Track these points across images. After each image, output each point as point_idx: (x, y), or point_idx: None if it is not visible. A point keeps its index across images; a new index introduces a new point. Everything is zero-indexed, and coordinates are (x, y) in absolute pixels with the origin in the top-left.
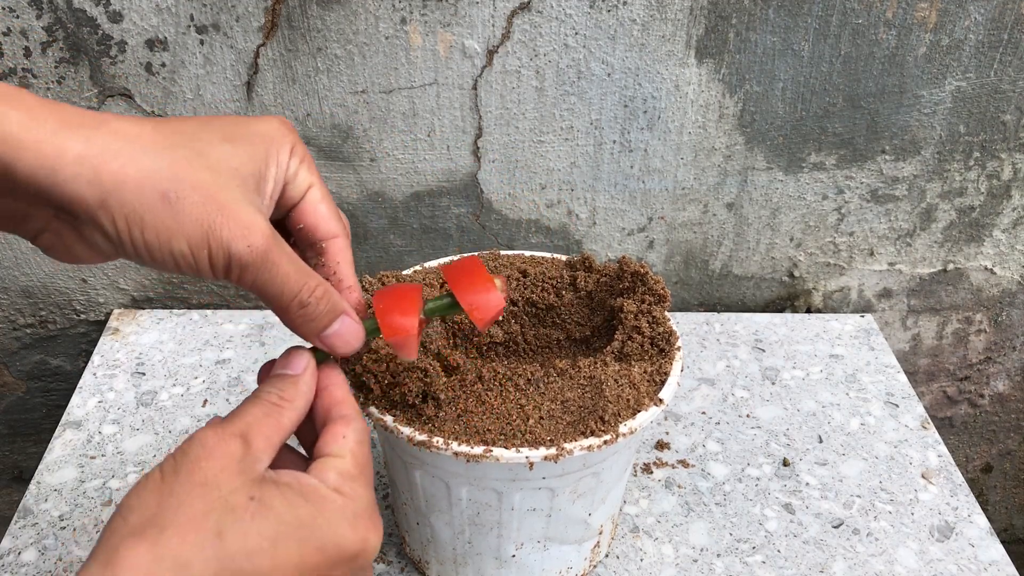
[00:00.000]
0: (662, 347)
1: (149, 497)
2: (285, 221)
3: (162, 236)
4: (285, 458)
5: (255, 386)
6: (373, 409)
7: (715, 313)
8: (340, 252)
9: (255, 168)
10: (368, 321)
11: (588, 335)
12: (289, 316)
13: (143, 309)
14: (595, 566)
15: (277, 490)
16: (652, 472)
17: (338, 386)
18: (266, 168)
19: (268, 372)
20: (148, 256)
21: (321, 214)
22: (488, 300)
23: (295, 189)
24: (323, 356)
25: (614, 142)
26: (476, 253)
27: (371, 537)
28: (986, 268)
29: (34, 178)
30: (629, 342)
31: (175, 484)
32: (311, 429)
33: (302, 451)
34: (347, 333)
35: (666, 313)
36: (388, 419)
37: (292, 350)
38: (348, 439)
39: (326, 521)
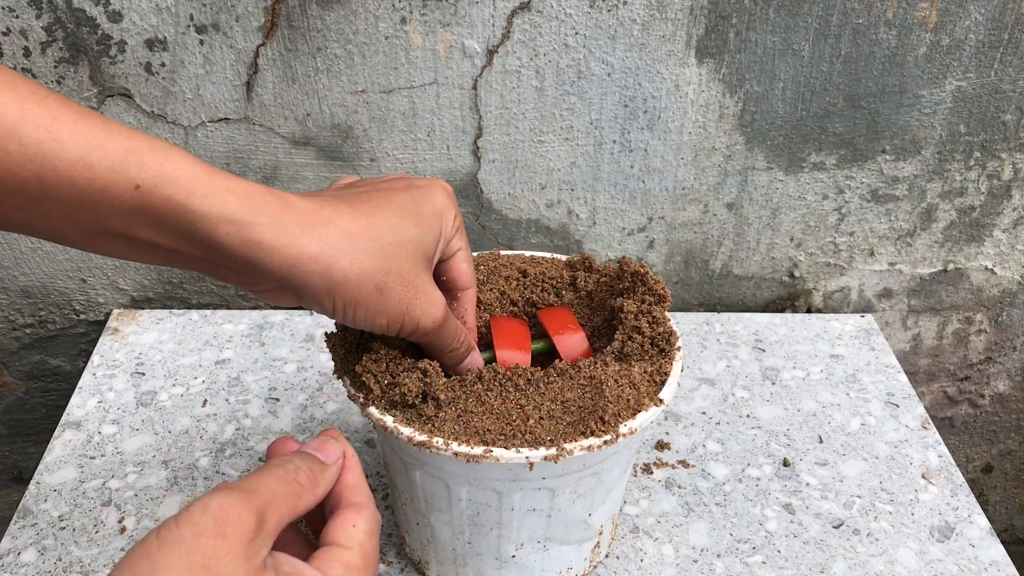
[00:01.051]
0: (662, 347)
1: (140, 569)
2: (435, 270)
3: (371, 315)
4: (289, 539)
5: (255, 386)
6: (373, 409)
7: (715, 313)
8: (469, 302)
9: (432, 243)
10: (487, 353)
11: (588, 335)
12: (441, 357)
13: (143, 309)
14: (595, 566)
15: None
16: (652, 472)
17: (351, 469)
18: (438, 242)
19: (282, 446)
20: (350, 322)
21: (463, 272)
22: (574, 342)
23: (449, 249)
24: None
25: (614, 142)
26: (475, 253)
27: None
28: (986, 268)
29: (279, 272)
30: (629, 342)
31: (172, 559)
32: (319, 511)
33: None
34: (474, 363)
35: (666, 313)
36: (388, 419)
37: (330, 437)
38: (358, 528)
39: None
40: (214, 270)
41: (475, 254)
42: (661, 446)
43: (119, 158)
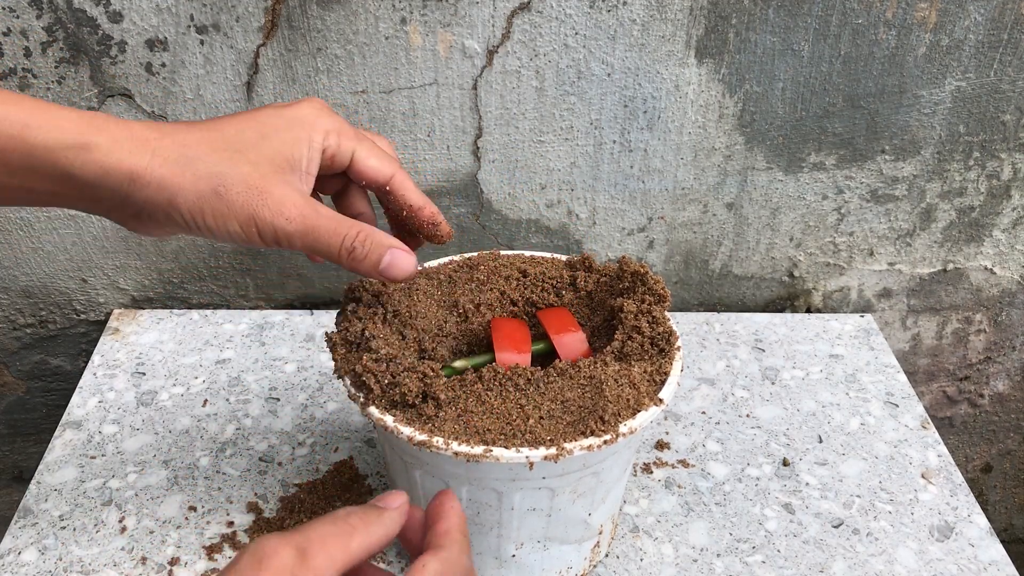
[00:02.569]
0: (662, 347)
1: None
2: (350, 187)
3: (219, 220)
4: None
5: (255, 386)
6: (373, 409)
7: (715, 313)
8: (401, 184)
9: (289, 153)
10: (487, 356)
11: (588, 335)
12: (345, 263)
13: (143, 309)
14: (595, 566)
15: None
16: (652, 472)
17: (448, 517)
18: (298, 150)
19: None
20: (211, 235)
21: (370, 166)
22: (574, 342)
23: (341, 157)
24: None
25: (614, 142)
26: (476, 253)
27: None
28: (986, 268)
29: (120, 191)
30: (629, 342)
31: None
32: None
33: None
34: (398, 263)
35: (666, 313)
36: (388, 419)
37: (393, 492)
38: (427, 568)
39: None
40: (73, 202)
41: (475, 254)
42: (661, 446)
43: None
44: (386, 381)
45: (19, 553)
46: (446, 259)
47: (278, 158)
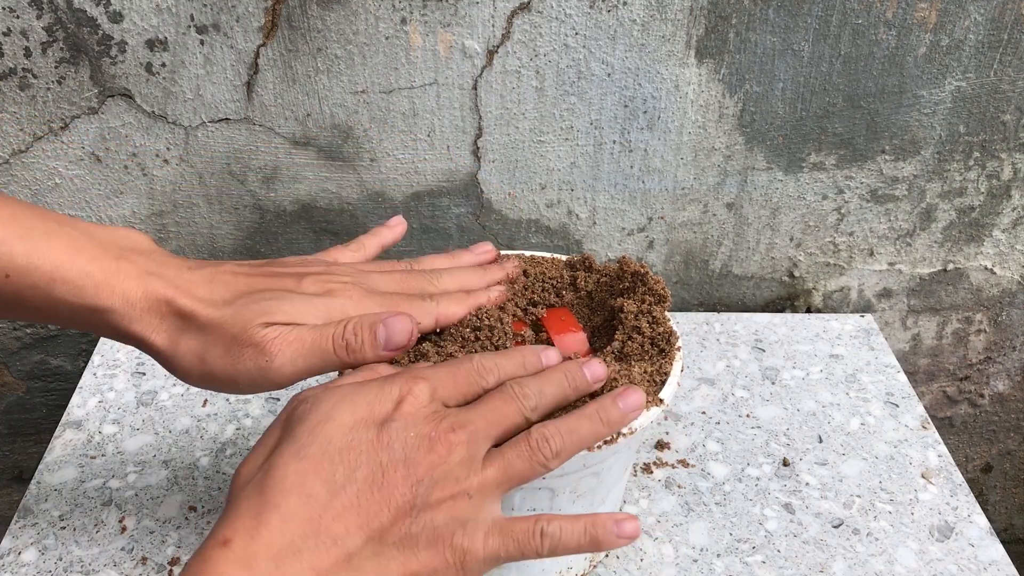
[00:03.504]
0: (662, 347)
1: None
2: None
3: (210, 384)
4: None
5: None
6: None
7: (715, 313)
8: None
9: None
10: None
11: (588, 335)
12: (347, 360)
13: None
14: (595, 566)
15: None
16: (652, 472)
17: None
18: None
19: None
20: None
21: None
22: (575, 342)
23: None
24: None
25: (614, 142)
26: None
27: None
28: (986, 268)
29: (132, 344)
30: (629, 342)
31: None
32: None
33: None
34: (393, 329)
35: (666, 313)
36: None
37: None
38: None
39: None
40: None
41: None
42: (661, 446)
43: None
44: None
45: (19, 553)
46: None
47: (273, 311)
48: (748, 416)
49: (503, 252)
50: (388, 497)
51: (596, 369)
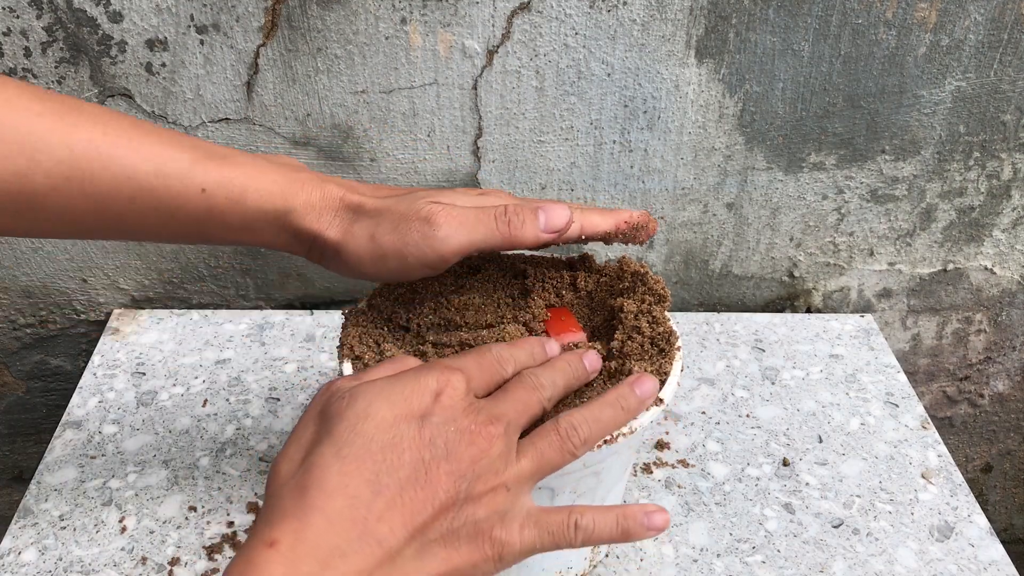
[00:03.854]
0: (662, 347)
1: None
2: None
3: (378, 264)
4: None
5: (255, 386)
6: None
7: (715, 313)
8: (591, 226)
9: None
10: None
11: (588, 335)
12: (508, 239)
13: (143, 309)
14: (595, 566)
15: None
16: (652, 472)
17: None
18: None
19: None
20: (381, 277)
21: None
22: (574, 340)
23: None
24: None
25: (614, 142)
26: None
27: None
28: (986, 268)
29: (307, 246)
30: (629, 342)
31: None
32: None
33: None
34: (553, 214)
35: (666, 313)
36: None
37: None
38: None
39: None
40: (270, 247)
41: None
42: (661, 446)
43: (187, 167)
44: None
45: (19, 553)
46: None
47: (432, 194)
48: (748, 416)
49: (503, 253)
50: (432, 494)
51: (593, 359)
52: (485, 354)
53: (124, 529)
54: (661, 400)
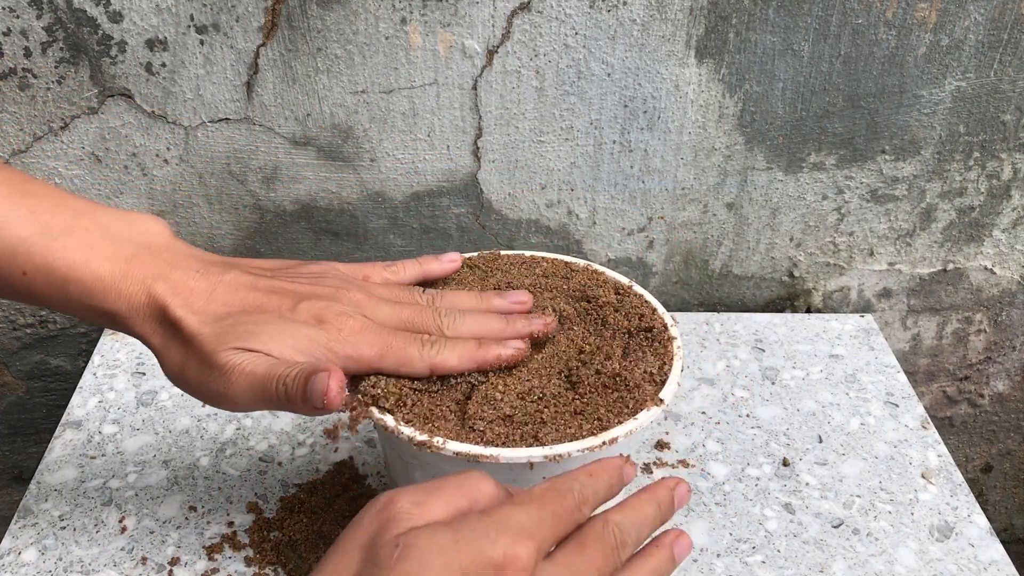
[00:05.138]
0: (662, 347)
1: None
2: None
3: (192, 392)
4: None
5: None
6: (373, 410)
7: (715, 313)
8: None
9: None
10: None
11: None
12: (286, 407)
13: None
14: None
15: None
16: (652, 472)
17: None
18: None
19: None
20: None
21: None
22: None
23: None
24: None
25: (614, 142)
26: (476, 253)
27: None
28: (986, 268)
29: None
30: (629, 342)
31: None
32: None
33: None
34: (315, 387)
35: (665, 313)
36: (388, 419)
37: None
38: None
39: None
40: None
41: (475, 254)
42: (661, 446)
43: (11, 246)
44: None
45: (19, 553)
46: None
47: (249, 339)
48: (748, 416)
49: (504, 253)
50: None
51: (683, 494)
52: (566, 498)
53: (124, 529)
54: (661, 400)
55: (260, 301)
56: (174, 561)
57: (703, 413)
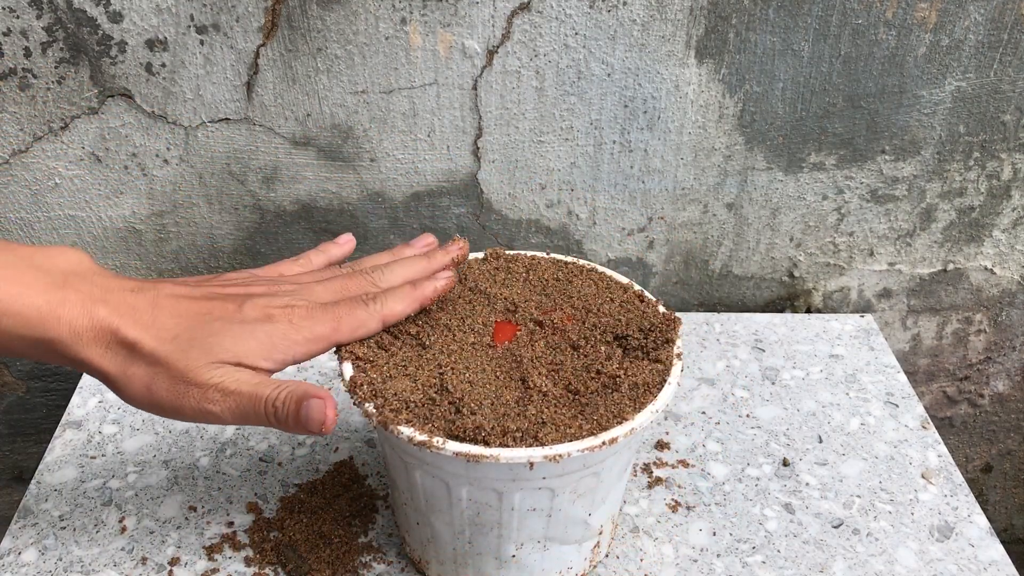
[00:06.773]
0: (662, 347)
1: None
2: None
3: (158, 412)
4: None
5: None
6: (368, 406)
7: (715, 313)
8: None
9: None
10: None
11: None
12: (275, 426)
13: None
14: (595, 566)
15: None
16: (652, 472)
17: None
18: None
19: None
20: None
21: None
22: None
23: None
24: None
25: (614, 142)
26: (477, 253)
27: None
28: (986, 268)
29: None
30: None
31: None
32: None
33: None
34: (311, 413)
35: (666, 313)
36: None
37: None
38: None
39: None
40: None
41: (478, 254)
42: (661, 446)
43: None
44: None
45: (19, 553)
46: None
47: (216, 349)
48: (748, 416)
49: (504, 252)
50: None
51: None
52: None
53: (124, 529)
54: (661, 400)
55: (206, 308)
56: (174, 561)
57: (703, 413)
